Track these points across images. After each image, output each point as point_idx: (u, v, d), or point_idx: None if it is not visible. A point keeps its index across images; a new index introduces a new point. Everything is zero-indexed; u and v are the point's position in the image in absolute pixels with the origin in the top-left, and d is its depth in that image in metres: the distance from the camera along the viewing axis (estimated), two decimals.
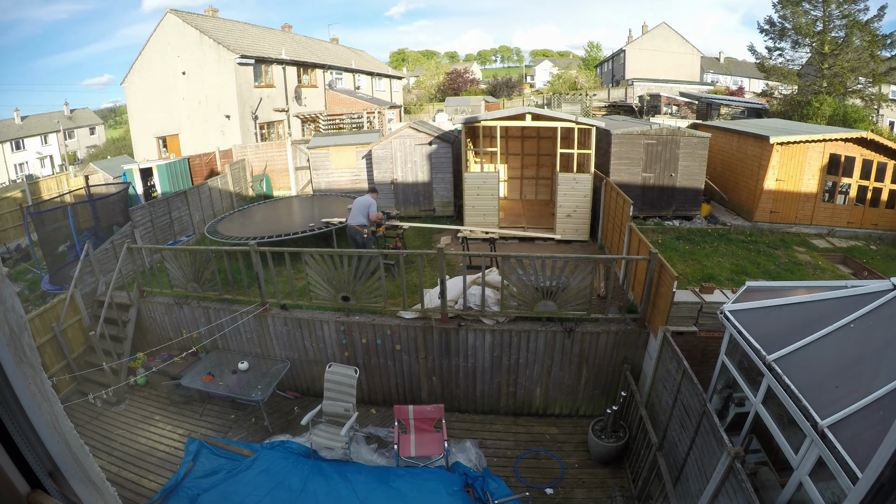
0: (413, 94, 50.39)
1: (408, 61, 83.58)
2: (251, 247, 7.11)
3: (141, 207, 10.45)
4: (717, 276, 8.25)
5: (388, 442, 6.54)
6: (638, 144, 11.07)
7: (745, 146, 11.81)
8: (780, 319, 4.39)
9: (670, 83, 36.29)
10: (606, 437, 6.05)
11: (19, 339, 0.95)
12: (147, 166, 15.23)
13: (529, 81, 69.22)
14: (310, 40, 33.34)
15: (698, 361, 5.81)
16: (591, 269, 6.29)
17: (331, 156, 13.76)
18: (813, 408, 3.38)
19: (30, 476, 0.94)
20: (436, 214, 12.54)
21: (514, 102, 38.07)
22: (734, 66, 51.61)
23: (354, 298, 6.94)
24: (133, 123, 24.80)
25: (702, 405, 4.36)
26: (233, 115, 21.43)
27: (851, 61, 22.17)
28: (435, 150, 12.15)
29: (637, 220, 11.15)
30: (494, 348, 6.77)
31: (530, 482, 5.94)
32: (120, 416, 7.45)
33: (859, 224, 11.07)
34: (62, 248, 10.13)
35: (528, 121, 10.10)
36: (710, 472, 3.99)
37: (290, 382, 7.66)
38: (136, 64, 23.30)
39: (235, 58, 20.97)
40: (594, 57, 63.94)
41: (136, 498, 5.88)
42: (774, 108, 24.26)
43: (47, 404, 1.00)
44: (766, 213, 11.10)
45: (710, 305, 6.29)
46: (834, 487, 3.24)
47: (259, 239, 8.90)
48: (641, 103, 30.75)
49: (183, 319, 8.01)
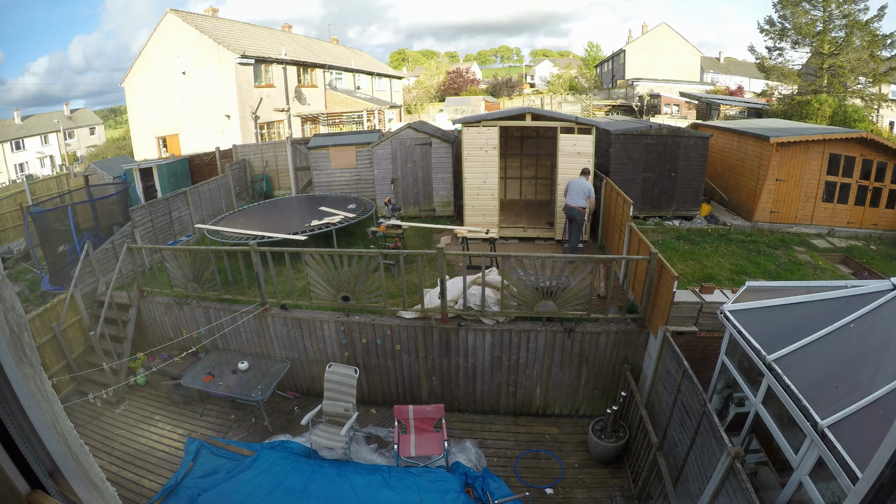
0: (413, 94, 50.39)
1: (408, 61, 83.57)
2: (251, 247, 7.11)
3: (141, 207, 10.45)
4: (717, 276, 8.25)
5: (388, 442, 6.54)
6: (638, 144, 11.07)
7: (745, 146, 11.81)
8: (780, 319, 4.40)
9: (670, 83, 36.31)
10: (606, 437, 6.05)
11: (19, 339, 0.95)
12: (147, 166, 15.25)
13: (529, 81, 69.26)
14: (310, 40, 33.36)
15: (698, 361, 5.81)
16: (591, 269, 6.29)
17: (331, 156, 13.76)
18: (813, 408, 3.38)
19: (30, 476, 0.94)
20: (436, 214, 12.54)
21: (514, 102, 38.07)
22: (734, 66, 51.60)
23: (354, 298, 6.95)
24: (133, 123, 24.83)
25: (702, 405, 4.36)
26: (233, 114, 21.45)
27: (851, 61, 22.15)
28: (435, 150, 12.15)
29: (637, 220, 11.15)
30: (494, 348, 6.77)
31: (530, 482, 5.94)
32: (120, 416, 7.45)
33: (859, 224, 11.07)
34: (62, 248, 10.13)
35: (528, 120, 10.10)
36: (710, 472, 3.99)
37: (290, 382, 7.66)
38: (136, 64, 23.32)
39: (235, 58, 20.98)
40: (594, 57, 63.90)
41: (136, 498, 5.88)
42: (774, 108, 24.24)
43: (47, 404, 1.00)
44: (766, 213, 11.09)
45: (710, 305, 6.29)
46: (834, 487, 3.24)
47: (259, 239, 8.90)
48: (641, 103, 30.77)
49: (183, 319, 8.01)
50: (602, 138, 11.40)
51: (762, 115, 24.15)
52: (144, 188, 14.92)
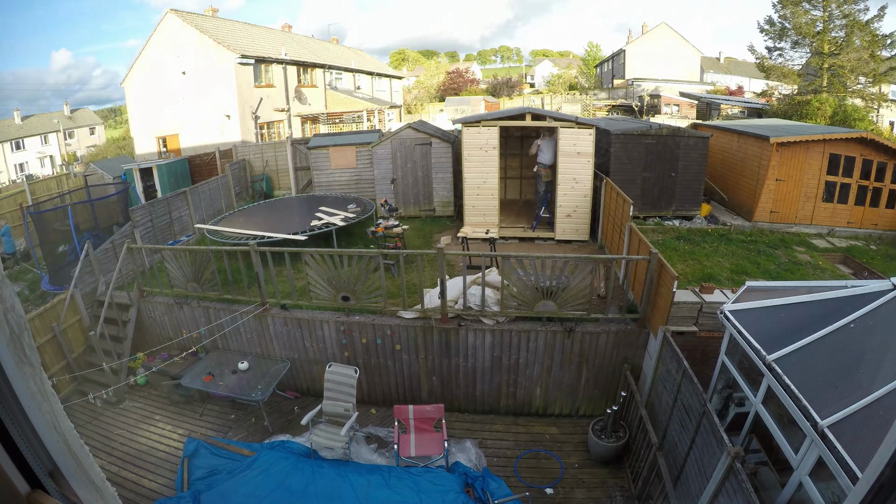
0: (413, 94, 50.39)
1: (408, 61, 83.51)
2: (251, 247, 7.11)
3: (141, 207, 10.45)
4: (717, 276, 8.25)
5: (388, 442, 6.54)
6: (638, 144, 11.06)
7: (745, 146, 11.81)
8: (780, 319, 4.39)
9: (670, 83, 36.30)
10: (606, 437, 6.05)
11: (19, 339, 0.95)
12: (147, 166, 15.25)
13: (529, 81, 69.26)
14: (310, 40, 33.35)
15: (698, 361, 5.80)
16: (591, 269, 6.29)
17: (331, 156, 13.76)
18: (813, 408, 3.38)
19: (30, 476, 0.93)
20: (436, 214, 12.53)
21: (515, 102, 38.07)
22: (734, 66, 51.61)
23: (354, 298, 6.94)
24: (133, 123, 24.83)
25: (702, 405, 4.36)
26: (233, 114, 21.44)
27: (851, 61, 22.15)
28: (435, 149, 12.14)
29: (637, 219, 11.15)
30: (494, 348, 6.77)
31: (530, 482, 5.94)
32: (120, 416, 7.45)
33: (859, 224, 11.07)
34: (62, 249, 10.13)
35: (528, 120, 10.10)
36: (710, 472, 3.99)
37: (290, 382, 7.66)
38: (136, 64, 23.31)
39: (235, 58, 20.97)
40: (594, 57, 63.90)
41: (136, 498, 5.88)
42: (774, 108, 24.23)
43: (47, 404, 1.00)
44: (766, 212, 11.09)
45: (710, 305, 6.29)
46: (834, 487, 3.24)
47: (259, 239, 8.90)
48: (641, 103, 30.76)
49: (183, 319, 8.01)
50: (602, 138, 11.39)
51: (762, 115, 24.15)
52: (144, 188, 14.93)
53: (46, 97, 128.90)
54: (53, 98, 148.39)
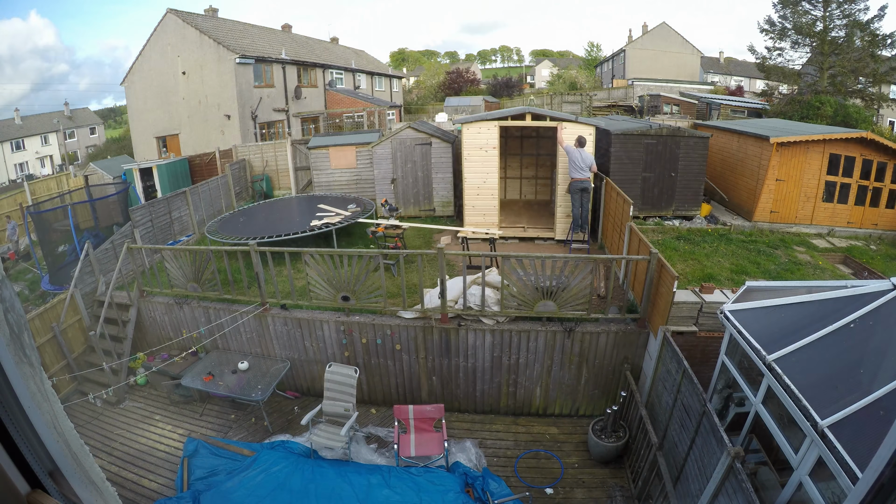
0: (413, 94, 50.37)
1: (408, 61, 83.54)
2: (251, 247, 7.11)
3: (141, 207, 10.45)
4: (717, 276, 8.25)
5: (388, 442, 6.54)
6: (638, 144, 11.06)
7: (745, 146, 11.81)
8: (780, 319, 4.39)
9: (670, 83, 36.30)
10: (606, 437, 6.05)
11: (19, 339, 0.95)
12: (147, 166, 15.26)
13: (529, 81, 69.26)
14: (310, 40, 33.34)
15: (698, 361, 5.81)
16: (591, 269, 6.29)
17: (331, 155, 13.76)
18: (813, 408, 3.38)
19: (30, 476, 0.93)
20: (436, 214, 12.53)
21: (515, 102, 38.06)
22: (734, 66, 51.61)
23: (354, 298, 6.94)
24: (133, 123, 24.83)
25: (702, 405, 4.36)
26: (233, 114, 21.43)
27: (852, 61, 22.14)
28: (435, 149, 12.14)
29: (637, 220, 11.15)
30: (494, 348, 6.77)
31: (530, 482, 5.94)
32: (120, 416, 7.45)
33: (859, 224, 11.07)
34: (62, 248, 10.13)
35: (528, 120, 10.10)
36: (710, 471, 3.99)
37: (290, 382, 7.67)
38: (135, 64, 23.31)
39: (235, 58, 20.97)
40: (594, 57, 63.92)
41: (136, 498, 5.88)
42: (774, 108, 24.22)
43: (47, 404, 1.00)
44: (766, 212, 11.09)
45: (710, 305, 6.29)
46: (834, 487, 3.24)
47: (259, 239, 8.90)
48: (641, 103, 30.75)
49: (183, 319, 8.01)
50: (602, 138, 11.39)
51: (762, 115, 24.14)
52: (144, 188, 14.93)
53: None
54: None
